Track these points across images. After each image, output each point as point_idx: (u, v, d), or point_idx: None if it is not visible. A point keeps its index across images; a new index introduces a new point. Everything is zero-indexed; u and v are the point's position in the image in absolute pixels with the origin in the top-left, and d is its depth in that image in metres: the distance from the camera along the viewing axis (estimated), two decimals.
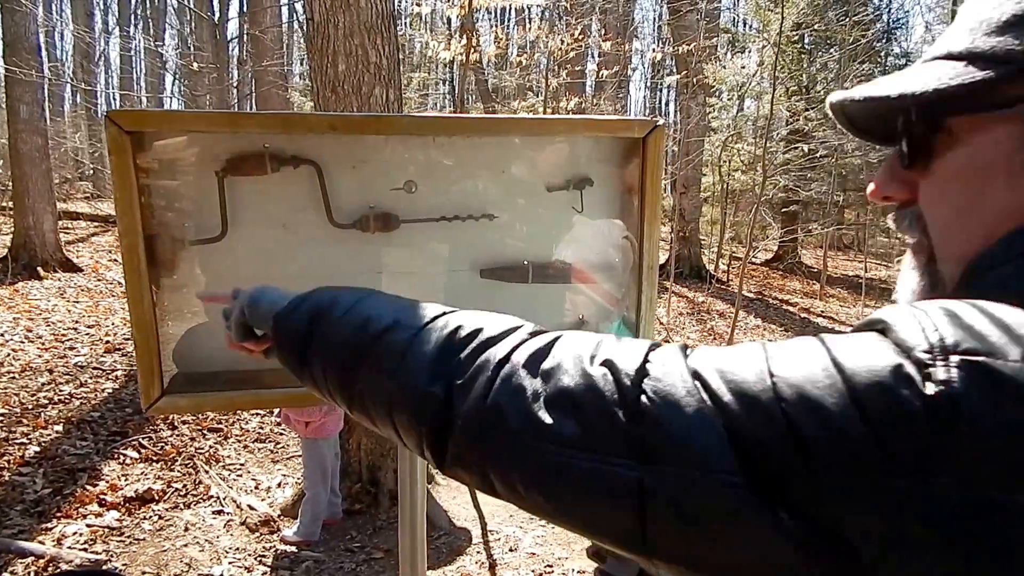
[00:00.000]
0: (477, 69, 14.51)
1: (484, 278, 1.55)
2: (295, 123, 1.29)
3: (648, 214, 1.47)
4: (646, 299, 1.51)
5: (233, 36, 16.18)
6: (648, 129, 1.44)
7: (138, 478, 4.87)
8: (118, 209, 1.24)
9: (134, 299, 1.31)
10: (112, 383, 6.27)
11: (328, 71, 4.25)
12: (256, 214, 1.43)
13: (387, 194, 1.47)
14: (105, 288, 9.61)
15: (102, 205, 15.75)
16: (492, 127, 1.38)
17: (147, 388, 1.37)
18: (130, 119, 1.21)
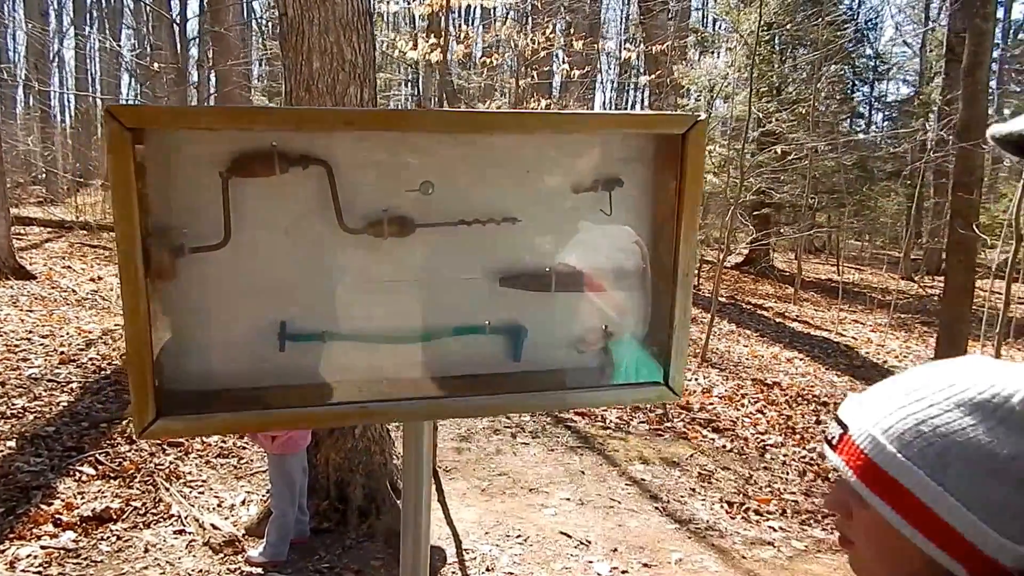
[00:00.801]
0: (443, 69, 14.44)
1: (504, 286, 1.47)
2: (310, 120, 1.20)
3: (686, 217, 1.41)
4: (680, 309, 1.45)
5: (194, 36, 15.87)
6: (689, 124, 1.38)
7: (95, 496, 4.69)
8: (116, 213, 1.14)
9: (130, 312, 1.21)
10: (67, 396, 6.05)
11: (302, 69, 4.14)
12: (261, 219, 1.34)
13: (402, 196, 1.39)
14: (60, 296, 9.30)
15: (55, 210, 15.32)
16: (523, 123, 1.31)
17: (140, 410, 1.27)
18: (132, 115, 1.11)
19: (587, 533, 4.44)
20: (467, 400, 1.41)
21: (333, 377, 1.42)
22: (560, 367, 1.53)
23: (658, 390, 1.50)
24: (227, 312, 1.36)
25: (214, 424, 1.31)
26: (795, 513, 4.89)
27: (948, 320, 7.84)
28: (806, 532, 4.63)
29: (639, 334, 1.53)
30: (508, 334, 1.50)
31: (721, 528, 4.58)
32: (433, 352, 1.47)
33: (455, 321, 1.47)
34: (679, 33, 14.03)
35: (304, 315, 1.39)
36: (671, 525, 4.59)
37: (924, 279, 17.89)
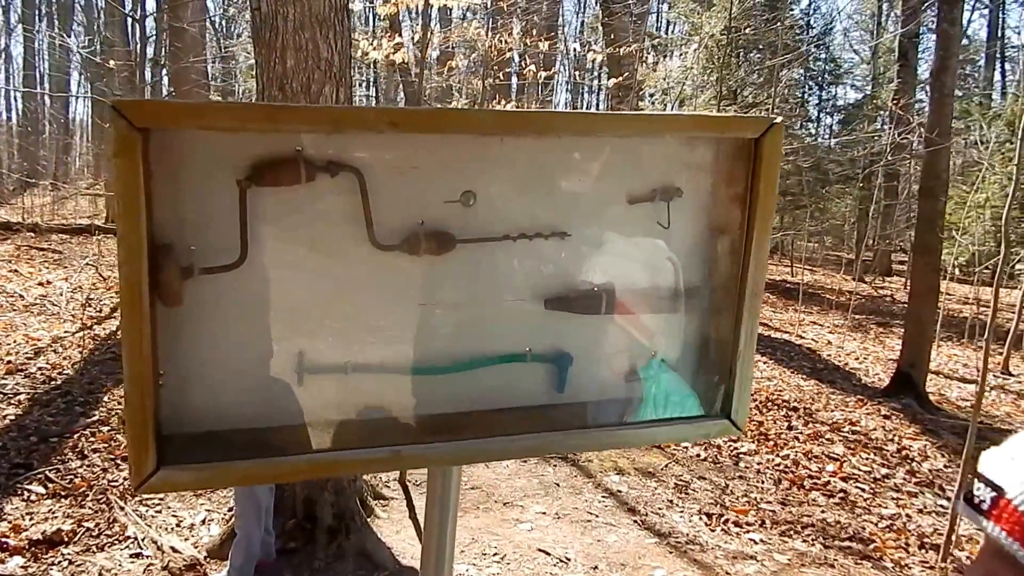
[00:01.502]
0: (405, 70, 14.20)
1: (549, 309, 1.31)
2: (348, 120, 1.02)
3: (757, 231, 1.27)
4: (746, 334, 1.31)
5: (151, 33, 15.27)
6: (763, 128, 1.24)
7: (45, 517, 4.38)
8: (122, 225, 0.94)
9: (131, 345, 1.01)
10: (14, 408, 5.69)
11: (276, 67, 3.91)
12: (282, 234, 1.15)
13: (440, 208, 1.22)
14: (5, 302, 8.81)
15: (1, 211, 14.61)
16: (590, 124, 1.15)
17: (139, 460, 1.07)
18: (143, 112, 0.91)
19: (566, 550, 4.29)
20: (510, 441, 1.24)
21: (357, 415, 1.24)
22: (608, 399, 1.38)
23: (720, 425, 1.35)
24: (241, 342, 1.17)
25: (225, 475, 1.12)
26: (774, 523, 4.82)
27: (914, 321, 7.92)
28: (787, 544, 4.56)
29: (699, 362, 1.38)
30: (552, 362, 1.34)
31: (702, 541, 4.48)
32: (469, 384, 1.30)
33: (494, 349, 1.30)
34: (637, 36, 14.02)
35: (325, 343, 1.21)
36: (651, 539, 4.47)
37: (875, 280, 18.24)
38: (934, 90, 8.05)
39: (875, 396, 7.98)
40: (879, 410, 7.48)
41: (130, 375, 1.03)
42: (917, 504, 5.45)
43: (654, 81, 13.61)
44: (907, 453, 6.44)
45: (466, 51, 12.24)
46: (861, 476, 5.80)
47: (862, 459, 6.17)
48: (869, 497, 5.44)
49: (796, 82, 17.64)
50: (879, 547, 4.60)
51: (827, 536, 4.71)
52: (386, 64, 10.58)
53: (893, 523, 5.02)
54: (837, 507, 5.21)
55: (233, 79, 19.41)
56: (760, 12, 15.42)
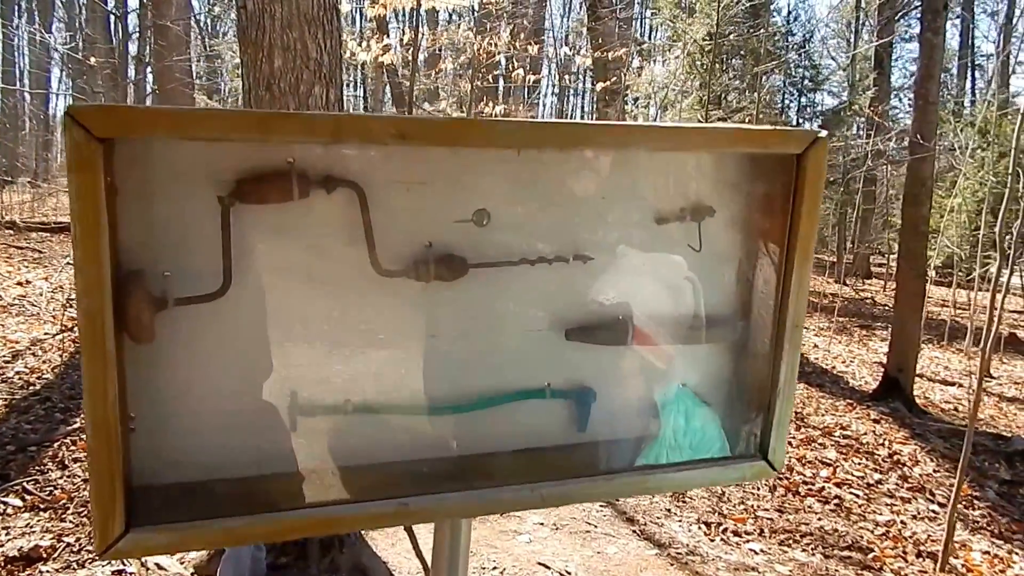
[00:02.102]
0: (392, 71, 14.01)
1: (571, 340, 1.16)
2: (349, 130, 0.86)
3: (800, 256, 1.12)
4: (786, 368, 1.16)
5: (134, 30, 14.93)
6: (807, 142, 1.09)
7: (22, 532, 4.16)
8: (81, 252, 0.78)
9: (94, 389, 0.85)
10: None
11: (263, 67, 3.73)
12: (272, 258, 0.99)
13: (450, 228, 1.07)
14: None
15: None
16: (617, 138, 0.99)
17: (104, 521, 0.91)
18: (105, 120, 0.75)
19: (566, 563, 4.13)
20: (529, 490, 1.09)
21: (358, 462, 1.08)
22: (634, 438, 1.23)
23: (756, 467, 1.20)
24: (224, 381, 1.01)
25: (206, 536, 0.96)
26: (772, 532, 4.69)
27: (900, 326, 7.85)
28: (787, 554, 4.44)
29: (733, 398, 1.23)
30: (573, 398, 1.19)
31: (702, 552, 4.35)
32: (482, 424, 1.14)
33: (510, 384, 1.15)
34: (623, 41, 13.94)
35: (322, 382, 1.05)
36: (651, 551, 4.33)
37: (856, 283, 18.25)
38: (918, 98, 7.99)
39: (864, 400, 7.90)
40: (868, 414, 7.39)
41: (93, 423, 0.87)
42: (911, 510, 5.36)
43: (638, 86, 13.51)
44: (898, 458, 6.35)
45: (454, 54, 12.05)
46: (855, 482, 5.70)
47: (855, 464, 6.07)
48: (864, 503, 5.33)
49: (777, 88, 17.62)
50: (878, 556, 4.49)
51: (826, 545, 4.59)
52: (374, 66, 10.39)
53: (889, 530, 4.92)
54: (833, 514, 5.10)
55: (219, 78, 19.09)
56: (742, 19, 15.38)
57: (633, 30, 21.66)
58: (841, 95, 20.65)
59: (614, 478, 1.15)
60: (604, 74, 12.32)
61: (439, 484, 1.07)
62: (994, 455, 6.89)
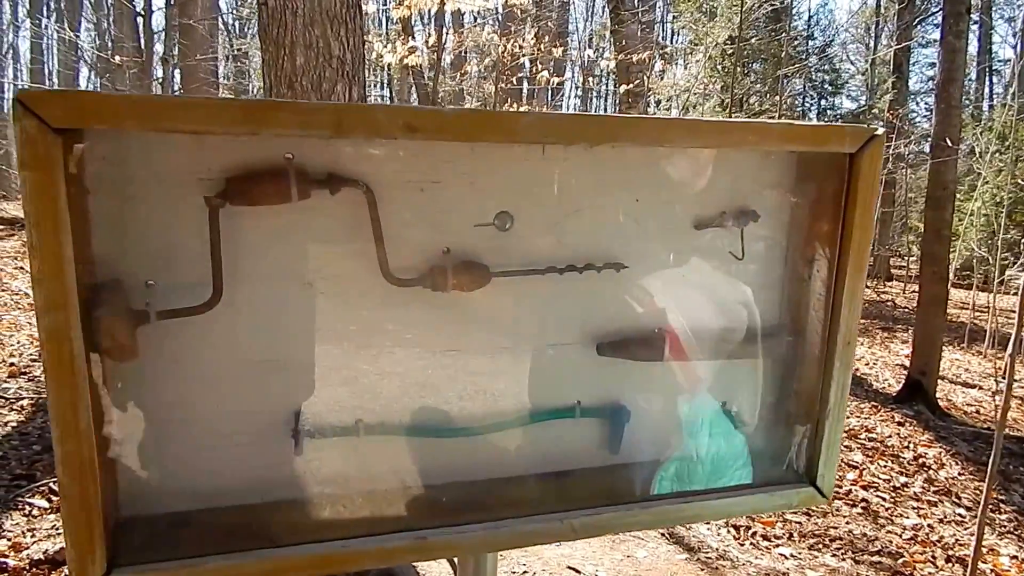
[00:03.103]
0: (417, 73, 13.93)
1: (603, 355, 1.02)
2: (353, 121, 0.74)
3: (853, 265, 0.98)
4: (837, 387, 1.02)
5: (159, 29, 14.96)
6: (863, 140, 0.95)
7: (48, 533, 4.08)
8: (38, 263, 0.66)
9: (61, 419, 0.73)
10: (16, 415, 5.40)
11: (284, 64, 3.63)
12: (268, 266, 0.87)
13: (470, 233, 0.94)
14: (10, 300, 8.51)
15: (7, 206, 14.34)
16: (654, 133, 0.85)
17: (81, 564, 0.79)
18: (62, 107, 0.63)
19: (596, 567, 3.99)
20: (559, 520, 0.95)
21: (369, 489, 0.95)
22: (670, 460, 1.09)
23: (803, 493, 1.06)
24: (215, 402, 0.88)
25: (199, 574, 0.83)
26: (801, 536, 4.52)
27: (923, 329, 7.62)
28: (817, 559, 4.26)
29: (778, 419, 1.09)
30: (605, 418, 1.05)
31: (732, 557, 4.18)
32: (507, 446, 1.01)
33: (537, 403, 1.02)
34: (646, 44, 13.78)
35: (330, 401, 0.93)
36: (681, 555, 4.17)
37: (877, 285, 17.89)
38: (940, 101, 7.75)
39: (887, 402, 7.68)
40: (893, 417, 7.16)
41: (63, 458, 0.75)
42: (937, 514, 5.15)
43: (660, 89, 13.31)
44: (923, 461, 6.13)
45: (479, 56, 11.93)
46: (881, 485, 5.49)
47: (881, 467, 5.87)
48: (891, 506, 5.14)
49: (798, 92, 17.32)
50: (908, 561, 4.30)
51: (855, 550, 4.41)
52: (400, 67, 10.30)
53: (916, 534, 4.72)
54: (861, 517, 4.91)
55: (246, 78, 19.09)
56: (764, 23, 15.15)
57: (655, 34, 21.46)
58: (860, 99, 20.32)
59: (651, 506, 1.01)
60: (627, 77, 12.15)
61: (460, 514, 0.94)
62: (1019, 458, 6.65)
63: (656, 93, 14.02)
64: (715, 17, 14.63)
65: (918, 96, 22.13)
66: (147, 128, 0.67)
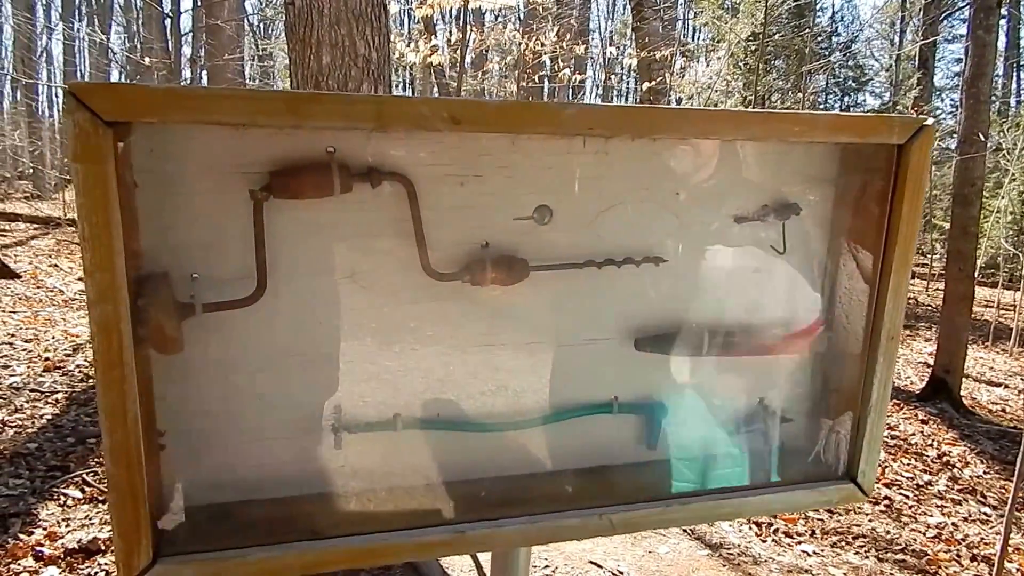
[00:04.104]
0: (439, 72, 13.94)
1: (640, 350, 1.01)
2: (396, 114, 0.73)
3: (898, 261, 0.96)
4: (879, 384, 1.00)
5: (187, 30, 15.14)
6: (912, 131, 0.92)
7: (81, 523, 4.13)
8: (90, 255, 0.66)
9: (111, 410, 0.73)
10: (52, 408, 5.48)
11: (311, 63, 3.64)
12: (310, 259, 0.86)
13: (509, 226, 0.93)
14: (45, 296, 8.64)
15: (42, 205, 14.55)
16: (697, 125, 0.83)
17: (128, 552, 0.79)
18: (113, 100, 0.63)
19: (618, 563, 3.97)
20: (596, 515, 0.94)
21: (408, 483, 0.95)
22: (707, 456, 1.07)
23: (844, 490, 1.04)
24: (258, 395, 0.88)
25: (241, 569, 0.83)
26: (824, 533, 4.47)
27: (948, 327, 7.51)
28: (840, 556, 4.21)
29: (818, 415, 1.07)
30: (642, 413, 1.04)
31: (754, 553, 4.15)
32: (544, 440, 1.00)
33: (574, 398, 1.01)
34: (668, 41, 13.69)
35: (369, 395, 0.92)
36: (702, 551, 4.14)
37: None
38: (969, 97, 7.61)
39: (910, 400, 7.57)
40: (916, 415, 7.07)
41: (112, 448, 0.75)
42: (962, 512, 5.07)
43: (683, 87, 13.22)
44: (948, 459, 6.04)
45: (501, 55, 11.92)
46: (904, 483, 5.42)
47: (904, 465, 5.79)
48: (914, 504, 5.07)
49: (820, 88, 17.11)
50: (932, 559, 4.24)
51: (879, 548, 4.36)
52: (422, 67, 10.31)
53: (941, 533, 4.66)
54: (884, 515, 4.85)
55: (271, 79, 19.23)
56: (786, 19, 14.99)
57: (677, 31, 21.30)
58: (884, 95, 20.04)
59: (689, 502, 0.99)
60: (649, 74, 12.09)
61: (498, 508, 0.93)
62: None
63: (678, 91, 13.94)
64: (737, 13, 14.49)
65: (943, 92, 21.79)
66: (194, 120, 0.67)
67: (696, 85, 14.44)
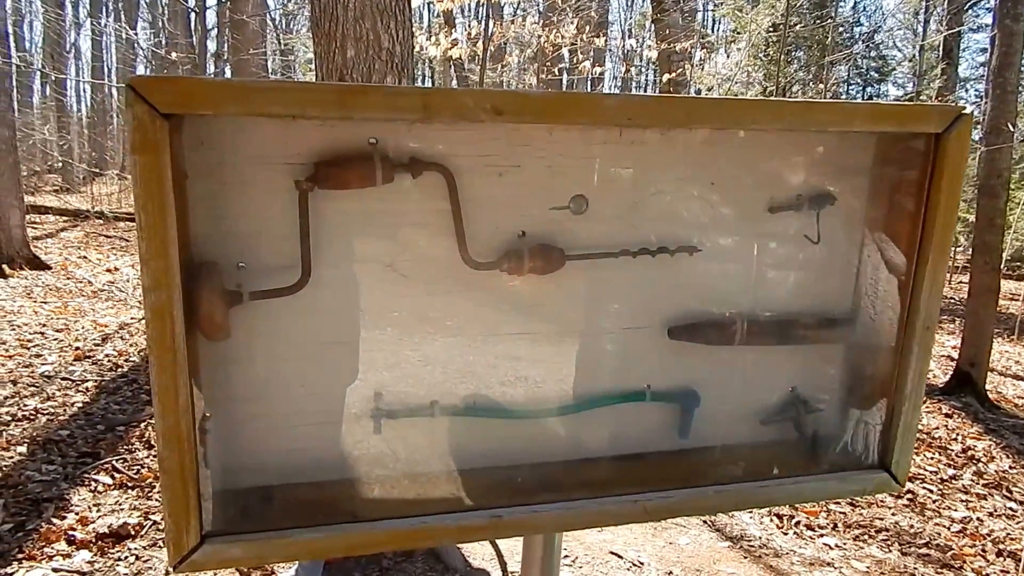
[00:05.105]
0: (459, 65, 13.94)
1: (674, 339, 1.02)
2: (439, 105, 0.74)
3: (936, 251, 0.95)
4: (914, 374, 0.99)
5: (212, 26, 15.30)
6: (950, 120, 0.92)
7: (112, 509, 4.21)
8: (146, 243, 0.68)
9: (164, 393, 0.75)
10: (82, 396, 5.58)
11: (336, 57, 3.67)
12: (353, 249, 0.88)
13: (546, 216, 0.94)
14: (75, 287, 8.79)
15: (71, 199, 14.77)
16: (734, 115, 0.84)
17: (178, 533, 0.81)
18: (171, 93, 0.65)
19: (638, 553, 3.98)
20: (631, 501, 0.95)
21: (445, 468, 0.97)
22: (741, 446, 1.08)
23: (877, 479, 1.04)
24: (302, 381, 0.90)
25: (285, 549, 0.86)
26: (846, 527, 4.45)
27: (973, 320, 7.41)
28: (863, 550, 4.19)
29: (852, 404, 1.07)
30: (676, 402, 1.05)
31: (775, 546, 4.14)
32: (578, 428, 1.02)
33: (608, 386, 1.02)
34: (688, 32, 13.57)
35: (408, 382, 0.94)
36: (723, 543, 4.14)
37: None
38: (995, 87, 7.48)
39: (933, 394, 7.49)
40: (940, 408, 7.00)
41: (164, 431, 0.77)
42: (987, 507, 5.02)
43: (702, 78, 13.13)
44: (972, 453, 5.97)
45: (520, 48, 11.90)
46: (927, 476, 5.37)
47: (927, 459, 5.74)
48: (939, 499, 5.02)
49: (842, 79, 16.92)
50: (957, 554, 4.21)
51: (903, 541, 4.33)
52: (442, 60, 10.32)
53: (966, 527, 4.61)
54: (907, 509, 4.81)
55: (292, 73, 19.35)
56: (808, 9, 14.84)
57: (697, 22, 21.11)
58: (907, 86, 19.76)
59: (723, 490, 1.00)
60: (668, 66, 12.01)
61: (534, 494, 0.95)
62: None
63: (698, 82, 13.85)
64: (758, 4, 14.36)
65: (968, 82, 21.44)
66: (247, 112, 0.69)
67: (716, 77, 14.35)
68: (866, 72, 17.68)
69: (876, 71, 17.83)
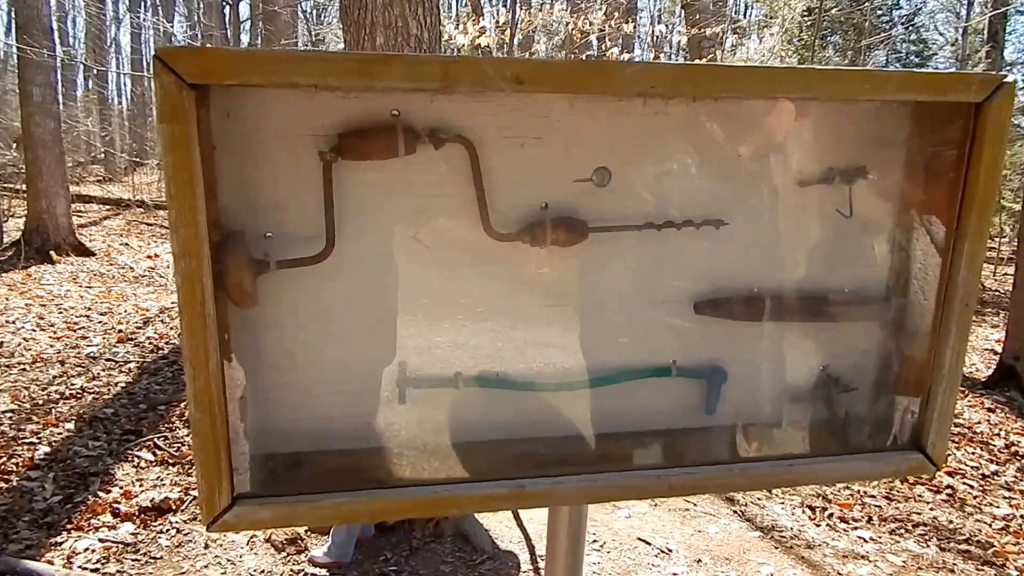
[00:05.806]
0: (487, 53, 13.90)
1: (700, 314, 1.01)
2: (460, 75, 0.74)
3: (975, 225, 0.93)
4: (952, 353, 0.97)
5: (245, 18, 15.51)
6: (991, 88, 0.89)
7: (154, 484, 4.33)
8: (176, 211, 0.69)
9: (195, 357, 0.77)
10: (125, 376, 5.73)
11: (365, 44, 3.70)
12: (377, 219, 0.89)
13: (569, 188, 0.93)
14: (117, 273, 9.02)
15: (113, 188, 15.11)
16: (762, 84, 0.82)
17: (211, 493, 0.83)
18: (197, 63, 0.66)
19: (667, 540, 3.97)
20: (656, 476, 0.95)
21: (470, 439, 0.97)
22: (768, 424, 1.07)
23: (911, 460, 1.02)
24: (329, 350, 0.91)
25: (313, 512, 0.87)
26: (882, 520, 4.37)
27: (1018, 312, 7.21)
28: (899, 544, 4.12)
29: (886, 384, 1.05)
30: (702, 378, 1.04)
31: (808, 537, 4.09)
32: (602, 402, 1.01)
33: (633, 361, 1.01)
34: (719, 18, 13.37)
35: (432, 352, 0.95)
36: (753, 533, 4.11)
37: None
38: None
39: (975, 387, 7.31)
40: (982, 403, 6.83)
41: (195, 394, 0.78)
42: None
43: (732, 64, 12.94)
44: (1016, 449, 5.82)
45: (548, 35, 11.83)
46: (968, 472, 5.26)
47: (968, 454, 5.61)
48: (979, 495, 4.91)
49: (880, 64, 16.51)
50: (999, 551, 4.11)
51: (941, 537, 4.24)
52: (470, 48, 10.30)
53: (1008, 524, 4.50)
54: (946, 504, 4.72)
55: None
56: None
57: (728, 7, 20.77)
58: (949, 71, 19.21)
59: (749, 468, 0.99)
60: (699, 52, 11.84)
61: (557, 466, 0.95)
62: None
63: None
64: None
65: (1015, 67, 20.77)
66: (271, 82, 0.70)
67: (748, 62, 14.11)
68: (905, 56, 17.21)
69: (916, 55, 17.34)
